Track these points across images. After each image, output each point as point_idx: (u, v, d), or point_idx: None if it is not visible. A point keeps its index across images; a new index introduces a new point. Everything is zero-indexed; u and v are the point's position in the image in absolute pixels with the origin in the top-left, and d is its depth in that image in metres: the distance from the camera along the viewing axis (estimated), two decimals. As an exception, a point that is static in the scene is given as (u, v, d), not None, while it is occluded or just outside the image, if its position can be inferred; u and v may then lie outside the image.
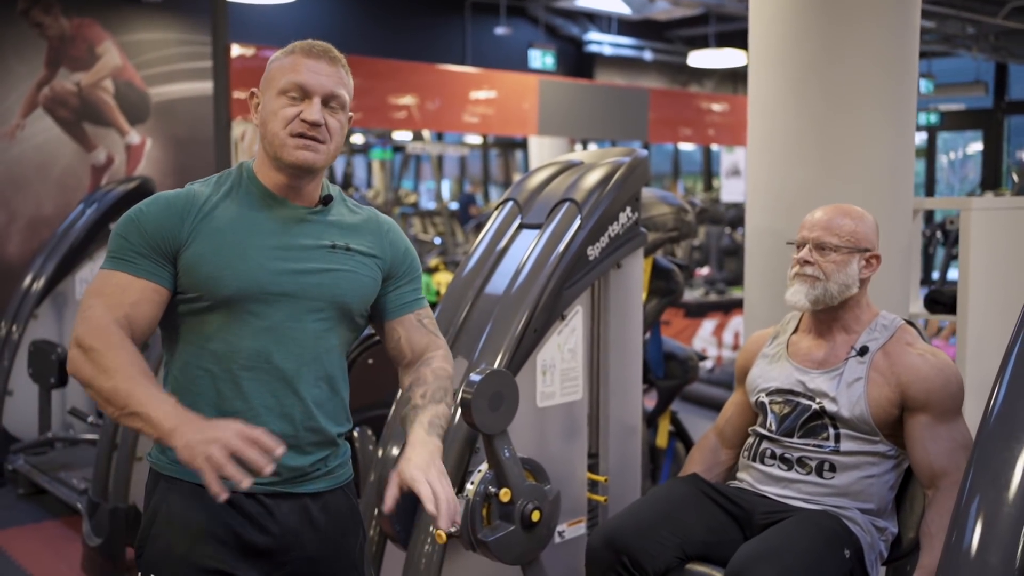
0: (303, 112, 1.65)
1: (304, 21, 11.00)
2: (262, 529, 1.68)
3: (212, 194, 1.70)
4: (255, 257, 1.65)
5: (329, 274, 1.71)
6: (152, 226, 1.64)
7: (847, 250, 2.32)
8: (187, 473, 1.59)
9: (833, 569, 2.11)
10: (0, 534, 4.18)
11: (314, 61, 1.68)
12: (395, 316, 1.85)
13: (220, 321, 1.65)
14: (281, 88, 1.67)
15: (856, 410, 2.25)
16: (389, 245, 1.83)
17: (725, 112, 13.31)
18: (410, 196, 14.90)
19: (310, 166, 1.67)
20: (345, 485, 1.81)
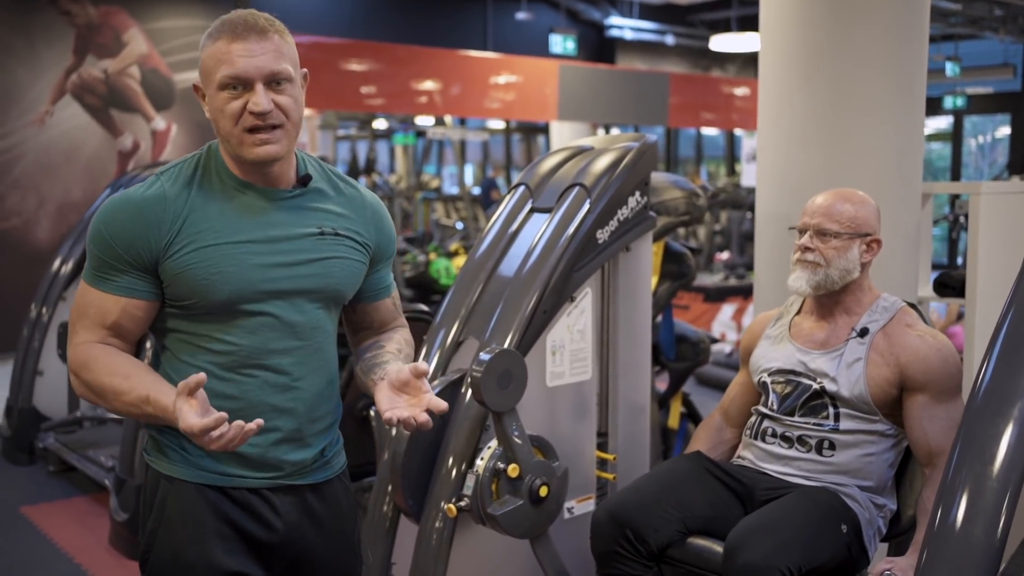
0: (249, 103, 1.53)
1: (326, 7, 11.07)
2: (266, 524, 1.65)
3: (184, 190, 1.59)
4: (244, 257, 1.58)
5: (321, 263, 1.65)
6: (124, 240, 1.55)
7: (847, 236, 2.37)
8: (188, 473, 1.62)
9: (830, 543, 2.17)
10: (31, 509, 4.31)
11: (243, 43, 1.53)
12: (375, 300, 1.82)
13: (216, 322, 1.60)
14: (219, 83, 1.54)
15: (855, 390, 2.31)
16: (375, 229, 1.76)
17: (747, 96, 13.28)
18: (433, 181, 14.97)
19: (273, 158, 1.58)
20: (341, 473, 1.79)
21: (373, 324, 1.85)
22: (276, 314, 1.62)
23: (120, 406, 1.55)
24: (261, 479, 1.64)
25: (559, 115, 11.15)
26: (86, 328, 1.59)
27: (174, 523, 1.62)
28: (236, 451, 1.55)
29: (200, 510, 1.61)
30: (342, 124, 15.05)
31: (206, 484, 1.62)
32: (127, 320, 1.59)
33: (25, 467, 4.91)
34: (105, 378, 1.55)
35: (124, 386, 1.54)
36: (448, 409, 1.63)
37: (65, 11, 7.71)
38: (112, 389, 1.54)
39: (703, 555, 2.29)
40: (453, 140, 14.91)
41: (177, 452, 1.63)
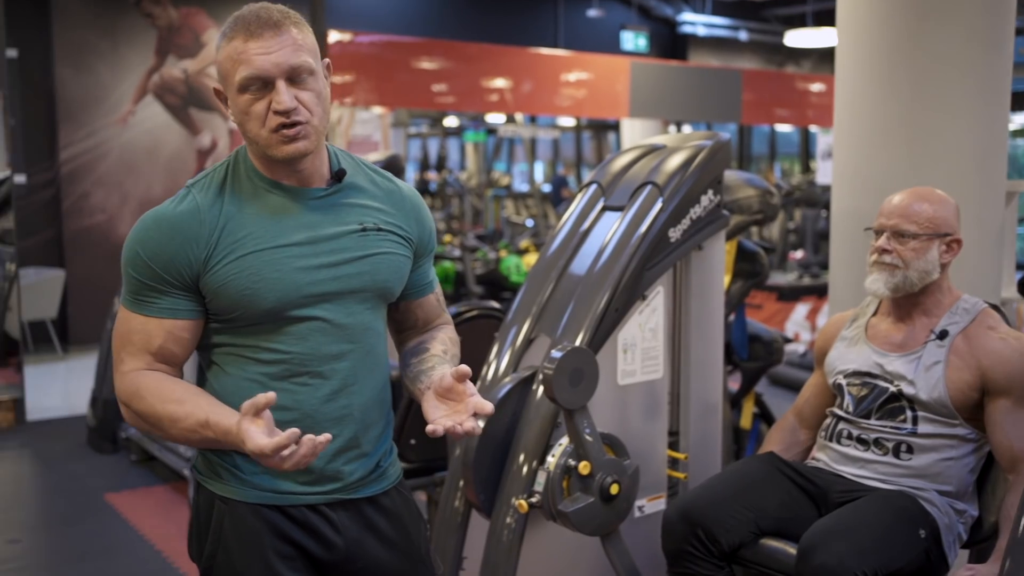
0: (273, 103, 1.47)
1: (399, 6, 11.19)
2: (326, 542, 1.60)
3: (217, 199, 1.53)
4: (287, 261, 1.52)
5: (367, 260, 1.59)
6: (163, 261, 1.49)
7: (926, 236, 2.31)
8: (243, 493, 1.57)
9: (907, 548, 2.13)
10: (115, 496, 4.45)
11: (259, 41, 1.46)
12: (420, 296, 1.75)
13: (264, 332, 1.54)
14: (239, 85, 1.48)
15: (934, 393, 2.26)
16: (416, 222, 1.69)
17: (823, 92, 13.06)
18: (503, 178, 15.02)
19: (303, 155, 1.51)
20: (398, 483, 1.72)
21: (417, 322, 1.78)
22: (325, 317, 1.56)
23: (177, 433, 1.49)
24: (318, 495, 1.59)
25: (630, 112, 11.10)
26: (131, 355, 1.53)
27: (232, 546, 1.56)
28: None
29: (258, 531, 1.56)
30: (413, 122, 15.19)
31: (263, 504, 1.56)
32: (173, 343, 1.53)
33: (109, 455, 5.08)
34: (159, 406, 1.49)
35: (180, 412, 1.48)
36: (493, 411, 1.55)
37: (148, 13, 7.92)
38: (168, 416, 1.48)
39: (776, 556, 2.27)
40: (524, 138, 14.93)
41: (230, 472, 1.58)
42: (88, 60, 7.67)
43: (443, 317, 1.82)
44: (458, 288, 8.09)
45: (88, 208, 7.76)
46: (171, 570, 3.65)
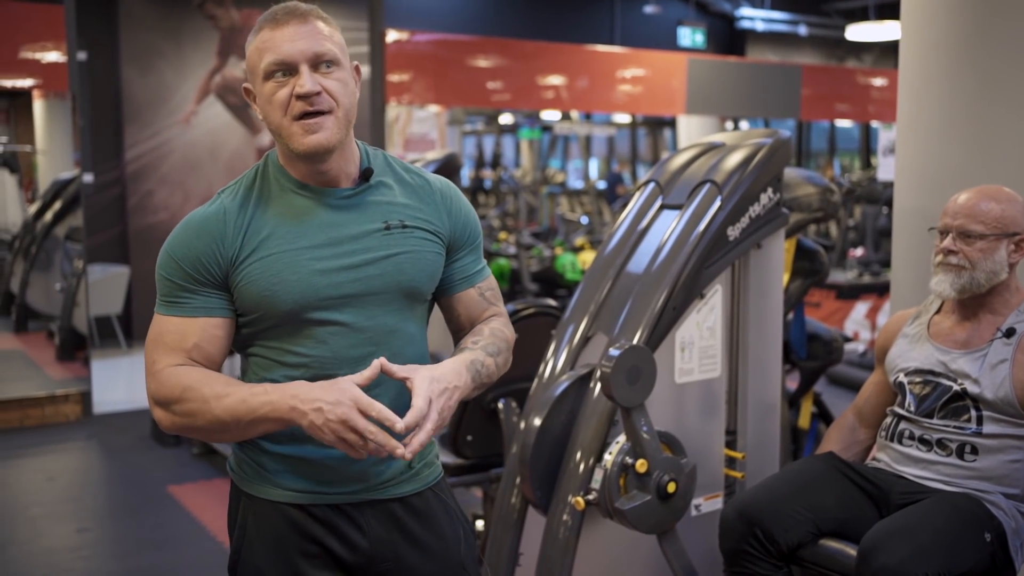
0: (295, 87, 1.46)
1: (455, 5, 11.24)
2: (351, 543, 1.56)
3: (243, 203, 1.54)
4: (305, 263, 1.50)
5: (389, 260, 1.55)
6: (191, 259, 1.51)
7: (994, 236, 2.26)
8: (266, 491, 1.56)
9: (971, 551, 2.10)
10: (177, 488, 4.55)
11: (283, 29, 1.47)
12: (456, 291, 1.67)
13: (288, 335, 1.53)
14: (264, 72, 1.48)
15: (1000, 392, 2.22)
16: (447, 214, 1.64)
17: (885, 87, 12.83)
18: (558, 175, 15.00)
19: (324, 148, 1.49)
20: (434, 485, 1.66)
21: (460, 319, 1.70)
22: (345, 321, 1.53)
23: (221, 410, 1.45)
24: (342, 494, 1.56)
25: (687, 109, 11.03)
26: (164, 354, 1.50)
27: (255, 544, 1.56)
28: (317, 465, 1.54)
29: (280, 529, 1.55)
30: (468, 119, 15.25)
31: (285, 502, 1.55)
32: (207, 342, 1.52)
33: (171, 448, 5.19)
34: (203, 388, 1.46)
35: (225, 390, 1.46)
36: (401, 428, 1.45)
37: (210, 15, 8.07)
38: (213, 395, 1.45)
39: (835, 557, 2.25)
40: (579, 135, 14.91)
41: (255, 470, 1.58)
42: (153, 62, 7.84)
43: (490, 310, 1.72)
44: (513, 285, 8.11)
45: (152, 206, 7.94)
46: (233, 561, 3.72)
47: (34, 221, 6.89)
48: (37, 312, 6.96)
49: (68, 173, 6.58)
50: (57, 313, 6.60)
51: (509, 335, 1.69)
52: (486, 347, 1.61)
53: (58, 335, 6.57)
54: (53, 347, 6.66)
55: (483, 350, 1.60)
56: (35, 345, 6.83)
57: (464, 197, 1.70)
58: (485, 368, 1.58)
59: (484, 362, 1.58)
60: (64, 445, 5.37)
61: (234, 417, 1.45)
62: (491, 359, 1.60)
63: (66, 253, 6.63)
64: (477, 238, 1.69)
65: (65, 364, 6.45)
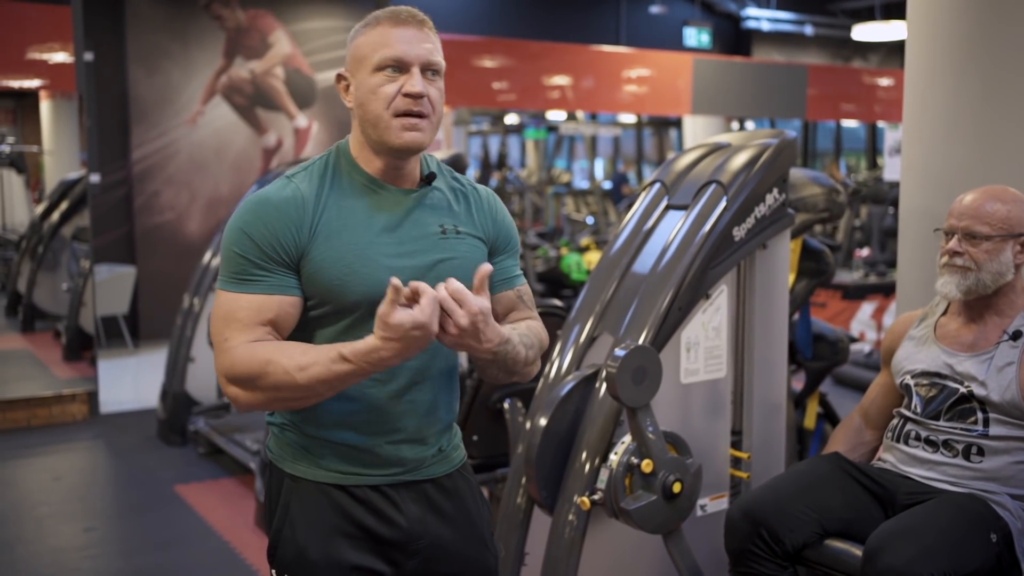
0: (404, 85, 1.53)
1: (461, 6, 11.25)
2: (389, 521, 1.63)
3: (318, 191, 1.58)
4: (376, 258, 1.56)
5: (446, 264, 1.62)
6: (268, 238, 1.53)
7: (1000, 237, 2.26)
8: (311, 472, 1.61)
9: (977, 552, 2.09)
10: (183, 488, 4.56)
11: (404, 29, 1.55)
12: (496, 291, 1.72)
13: (347, 324, 1.57)
14: (376, 64, 1.54)
15: (1007, 395, 2.22)
16: (492, 222, 1.72)
17: (891, 87, 12.81)
18: (564, 175, 15.01)
19: (418, 147, 1.56)
20: (461, 467, 1.76)
21: (499, 319, 1.73)
22: None
23: (305, 380, 1.46)
24: (381, 476, 1.63)
25: (692, 109, 11.03)
26: (239, 330, 1.51)
27: (297, 522, 1.62)
28: (360, 449, 1.60)
29: (323, 508, 1.61)
30: (474, 119, 15.26)
31: (328, 483, 1.62)
32: (283, 319, 1.54)
33: (178, 448, 5.20)
34: (285, 360, 1.47)
35: (306, 359, 1.46)
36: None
37: (217, 16, 8.09)
38: (296, 366, 1.46)
39: (841, 558, 2.25)
40: (584, 135, 14.91)
41: (300, 451, 1.63)
42: (159, 62, 7.86)
43: (526, 313, 1.77)
44: (519, 286, 8.08)
45: (159, 206, 7.95)
46: (238, 560, 3.73)
47: (41, 221, 6.92)
48: (44, 312, 6.99)
49: (75, 173, 6.61)
50: (64, 313, 6.63)
51: (544, 337, 1.73)
52: (522, 335, 1.64)
53: (65, 335, 6.59)
54: (60, 347, 6.68)
55: (518, 334, 1.62)
56: (42, 345, 6.86)
57: (503, 204, 1.78)
58: (513, 347, 1.58)
59: (516, 345, 1.60)
60: (71, 445, 5.38)
61: (321, 382, 1.47)
62: (522, 347, 1.62)
63: (73, 253, 6.66)
64: (516, 245, 1.77)
65: (72, 364, 6.48)
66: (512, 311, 1.75)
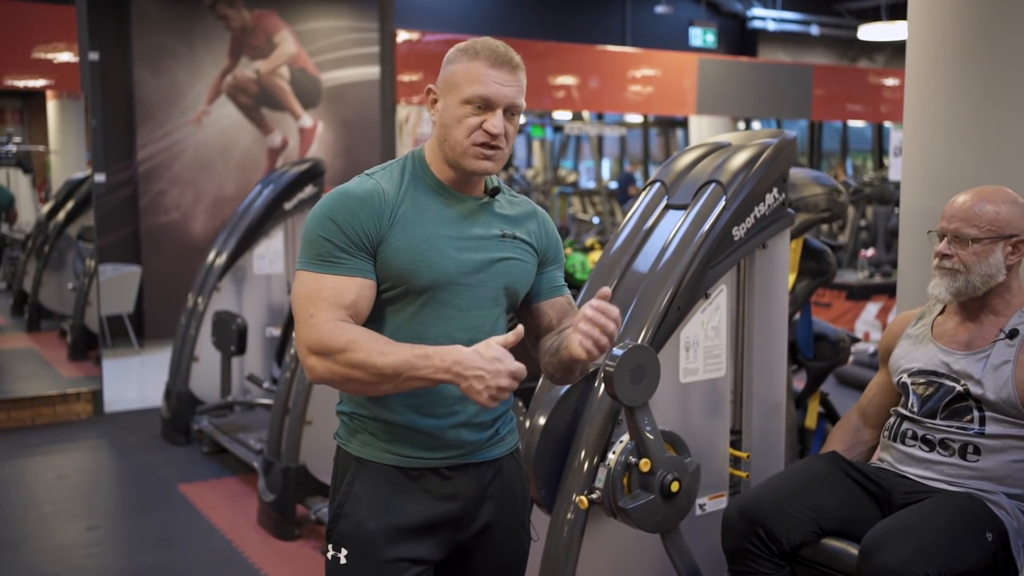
0: (486, 123, 1.70)
1: (466, 6, 11.25)
2: (446, 500, 1.77)
3: (397, 189, 1.74)
4: (445, 249, 1.72)
5: (503, 263, 1.79)
6: (353, 224, 1.68)
7: (988, 239, 2.26)
8: (377, 455, 1.76)
9: (973, 551, 2.10)
10: (187, 487, 4.58)
11: (498, 72, 1.71)
12: (548, 298, 1.90)
13: (411, 310, 1.73)
14: (466, 98, 1.70)
15: (1003, 393, 2.22)
16: (545, 234, 1.90)
17: (897, 87, 12.78)
18: (570, 175, 15.00)
19: (488, 173, 1.75)
20: (515, 451, 1.89)
21: (552, 322, 1.90)
22: (464, 307, 1.75)
23: (384, 364, 1.60)
24: (443, 458, 1.75)
25: (698, 109, 11.02)
26: (324, 309, 1.65)
27: (360, 498, 1.75)
28: (424, 433, 1.73)
29: (383, 486, 1.75)
30: (480, 120, 15.24)
31: (392, 465, 1.75)
32: (363, 300, 1.69)
33: (182, 447, 5.22)
34: (369, 343, 1.62)
35: (390, 348, 1.61)
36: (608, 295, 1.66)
37: (222, 16, 8.11)
38: (378, 351, 1.61)
39: (837, 556, 2.25)
40: (590, 135, 14.91)
41: (368, 436, 1.77)
42: (165, 62, 7.88)
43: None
44: (523, 285, 8.09)
45: (164, 206, 7.98)
46: (240, 558, 3.75)
47: (47, 221, 6.94)
48: (49, 311, 7.00)
49: (80, 173, 6.63)
50: (69, 312, 6.65)
51: None
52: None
53: (70, 334, 6.61)
54: (65, 346, 6.70)
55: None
56: (47, 344, 6.88)
57: (552, 222, 1.95)
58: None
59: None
60: (75, 443, 5.40)
61: (396, 372, 1.61)
62: None
63: (78, 252, 6.68)
64: (563, 258, 1.96)
65: (77, 363, 6.49)
66: (563, 315, 1.91)
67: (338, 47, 8.58)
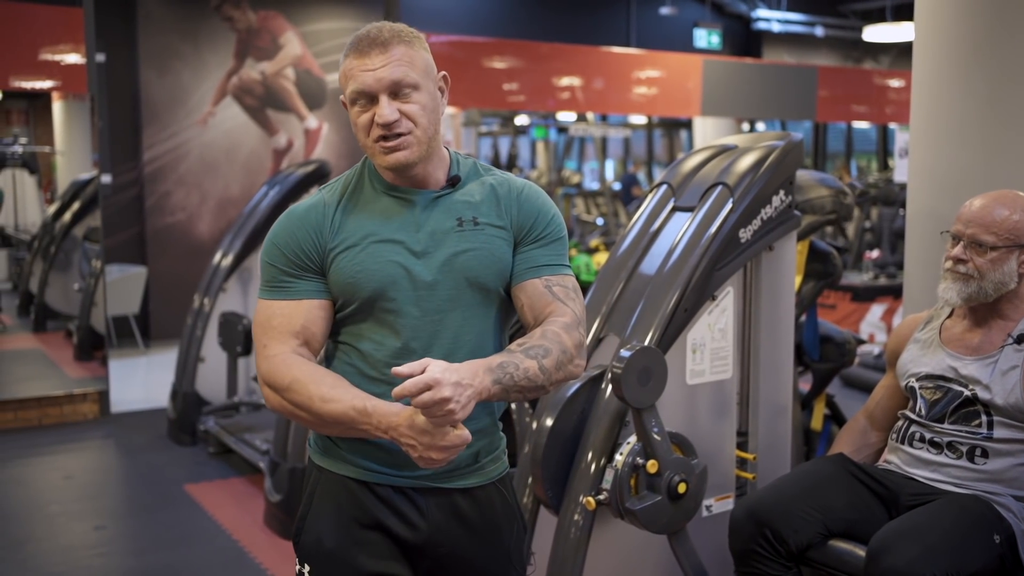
0: (376, 115, 1.59)
1: (471, 7, 11.27)
2: (409, 523, 1.66)
3: (340, 199, 1.68)
4: (385, 255, 1.62)
5: (459, 257, 1.64)
6: (293, 246, 1.64)
7: (1005, 248, 2.25)
8: (337, 465, 1.68)
9: (980, 553, 2.10)
10: (193, 487, 4.59)
11: (367, 59, 1.59)
12: (519, 280, 1.69)
13: (365, 322, 1.64)
14: (350, 99, 1.62)
15: (1011, 398, 2.22)
16: (517, 209, 1.70)
17: (902, 89, 12.77)
18: (574, 177, 15.00)
19: (404, 164, 1.61)
20: (498, 480, 1.75)
21: (524, 310, 1.69)
22: (421, 313, 1.62)
23: (325, 412, 1.56)
24: (406, 478, 1.66)
25: (702, 110, 11.02)
26: (275, 339, 1.63)
27: (319, 510, 1.69)
28: (385, 449, 1.63)
29: (343, 501, 1.67)
30: (484, 121, 15.27)
31: (351, 477, 1.67)
32: (312, 322, 1.64)
33: (188, 447, 5.23)
34: (312, 386, 1.57)
35: (333, 394, 1.56)
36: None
37: (228, 17, 8.12)
38: (320, 396, 1.56)
39: (844, 558, 2.26)
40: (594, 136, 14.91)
41: (329, 445, 1.70)
42: (171, 63, 7.90)
43: (560, 308, 1.67)
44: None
45: (169, 207, 7.99)
46: (247, 559, 3.75)
47: (53, 221, 6.96)
48: (56, 312, 7.03)
49: (87, 174, 6.65)
50: (75, 313, 6.67)
51: (567, 339, 1.63)
52: (528, 349, 1.59)
53: (76, 335, 6.63)
54: (71, 346, 6.73)
55: (524, 352, 1.59)
56: (54, 344, 6.90)
57: (546, 198, 1.74)
58: (520, 371, 1.56)
59: (519, 364, 1.57)
60: (82, 444, 5.42)
61: (335, 421, 1.57)
62: (532, 361, 1.58)
63: (84, 253, 6.70)
64: (549, 234, 1.71)
65: (83, 363, 6.52)
66: (537, 302, 1.67)
67: (343, 48, 8.59)
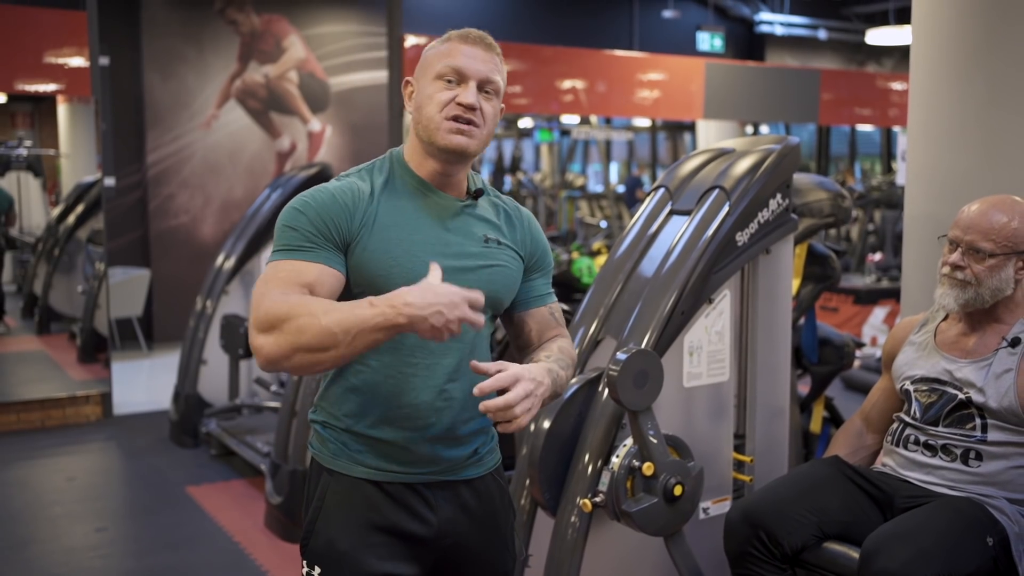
0: (459, 95, 1.64)
1: (475, 10, 11.29)
2: (421, 519, 1.70)
3: (372, 188, 1.68)
4: (420, 254, 1.64)
5: (486, 270, 1.71)
6: (322, 216, 1.61)
7: (1003, 255, 2.26)
8: (347, 467, 1.69)
9: (974, 555, 2.10)
10: (195, 489, 4.61)
11: (470, 47, 1.68)
12: (528, 308, 1.83)
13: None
14: (438, 73, 1.66)
15: (1004, 401, 2.23)
16: (530, 239, 1.82)
17: (905, 91, 12.73)
18: (578, 179, 15.02)
19: (463, 150, 1.65)
20: (495, 470, 1.82)
21: (531, 333, 1.83)
22: None
23: (333, 322, 1.46)
24: (417, 474, 1.69)
25: (705, 113, 11.02)
26: (276, 286, 1.55)
27: (331, 514, 1.69)
28: (398, 447, 1.67)
29: (356, 503, 1.68)
30: (488, 124, 15.27)
31: (363, 478, 1.68)
32: (321, 285, 1.58)
33: (190, 449, 5.25)
34: (312, 303, 1.50)
35: (333, 305, 1.50)
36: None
37: (232, 20, 8.15)
38: (322, 309, 1.48)
39: (838, 560, 2.27)
40: (598, 139, 14.92)
41: (338, 446, 1.70)
42: (175, 67, 7.93)
43: (559, 331, 1.86)
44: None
45: (173, 209, 8.02)
46: (247, 561, 3.77)
47: (57, 224, 6.98)
48: (59, 314, 7.05)
49: (90, 177, 6.67)
50: (79, 315, 6.69)
51: (574, 355, 1.82)
52: (558, 360, 1.73)
53: (80, 337, 6.65)
54: (75, 349, 6.74)
55: (556, 363, 1.72)
56: (57, 347, 6.92)
57: (540, 227, 1.87)
58: (559, 379, 1.70)
59: (559, 373, 1.70)
60: (84, 446, 5.44)
61: (344, 328, 1.47)
62: (564, 372, 1.72)
63: (88, 256, 6.72)
64: (548, 265, 1.87)
65: (86, 365, 6.53)
66: (544, 327, 1.84)
67: (346, 51, 8.61)
